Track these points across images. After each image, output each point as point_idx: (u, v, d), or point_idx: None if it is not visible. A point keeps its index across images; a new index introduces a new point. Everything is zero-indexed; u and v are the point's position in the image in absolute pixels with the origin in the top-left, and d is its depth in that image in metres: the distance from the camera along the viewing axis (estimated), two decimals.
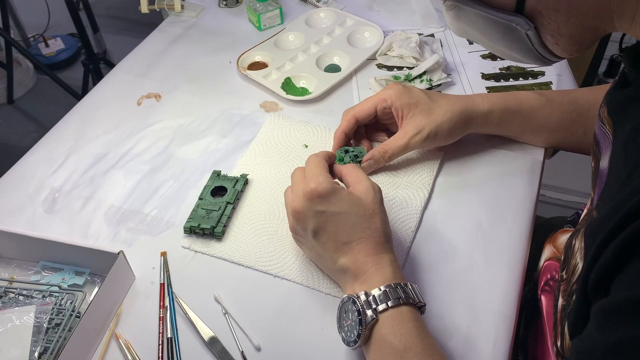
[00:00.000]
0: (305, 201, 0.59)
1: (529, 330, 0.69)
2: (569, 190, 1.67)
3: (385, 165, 0.76)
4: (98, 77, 1.94)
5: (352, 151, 0.76)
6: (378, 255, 0.57)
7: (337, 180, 0.67)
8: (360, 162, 0.75)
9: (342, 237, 0.58)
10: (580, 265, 0.47)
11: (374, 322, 0.53)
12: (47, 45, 2.62)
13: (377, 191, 0.61)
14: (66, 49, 2.63)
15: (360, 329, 0.53)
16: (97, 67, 1.89)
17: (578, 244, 0.49)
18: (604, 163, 0.51)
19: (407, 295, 0.54)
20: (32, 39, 2.70)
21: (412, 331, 0.52)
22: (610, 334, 0.37)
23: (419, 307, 0.55)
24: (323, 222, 0.58)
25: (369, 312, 0.53)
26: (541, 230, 0.78)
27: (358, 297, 0.54)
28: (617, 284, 0.39)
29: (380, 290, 0.54)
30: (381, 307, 0.53)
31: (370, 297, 0.54)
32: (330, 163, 0.67)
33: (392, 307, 0.53)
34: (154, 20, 1.16)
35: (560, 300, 0.53)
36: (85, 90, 1.99)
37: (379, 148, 0.74)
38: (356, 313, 0.53)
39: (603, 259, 0.40)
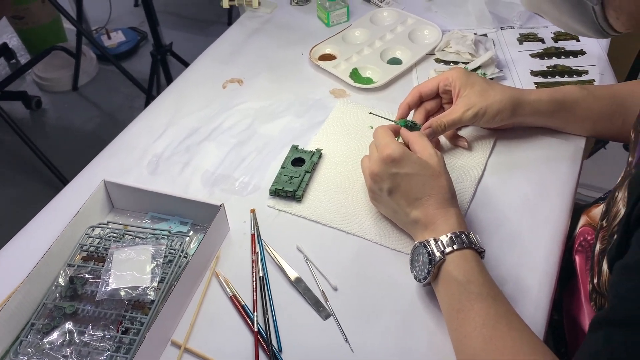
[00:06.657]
0: (381, 165, 0.70)
1: (563, 292, 0.79)
2: (607, 191, 1.73)
3: (446, 142, 0.89)
4: (164, 67, 2.09)
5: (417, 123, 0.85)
6: (445, 208, 0.68)
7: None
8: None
9: (413, 193, 0.69)
10: (622, 212, 0.55)
11: (441, 262, 0.64)
12: (109, 38, 2.79)
13: (441, 157, 0.72)
14: (126, 41, 2.81)
15: (430, 267, 0.64)
16: (164, 58, 2.04)
17: (621, 195, 0.58)
18: None
19: (470, 242, 0.65)
20: (95, 31, 2.89)
21: (474, 269, 0.63)
22: None
23: (480, 252, 0.66)
24: (397, 182, 0.70)
25: (438, 254, 0.64)
26: (578, 213, 0.87)
27: (428, 242, 0.65)
28: None
29: (447, 236, 0.65)
30: (448, 249, 0.64)
31: (440, 242, 0.65)
32: (395, 134, 0.78)
33: (457, 249, 0.64)
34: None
35: (598, 246, 0.63)
36: (152, 79, 2.14)
37: (435, 118, 0.83)
38: (426, 255, 0.65)
39: None
